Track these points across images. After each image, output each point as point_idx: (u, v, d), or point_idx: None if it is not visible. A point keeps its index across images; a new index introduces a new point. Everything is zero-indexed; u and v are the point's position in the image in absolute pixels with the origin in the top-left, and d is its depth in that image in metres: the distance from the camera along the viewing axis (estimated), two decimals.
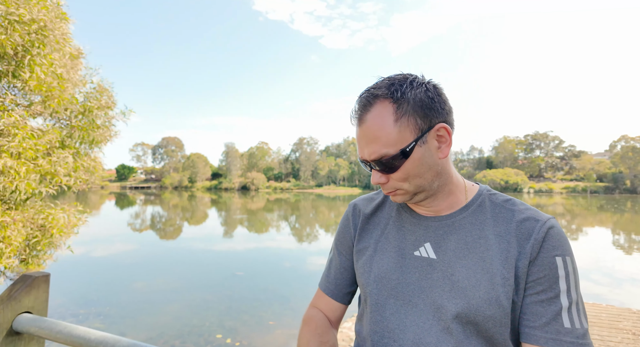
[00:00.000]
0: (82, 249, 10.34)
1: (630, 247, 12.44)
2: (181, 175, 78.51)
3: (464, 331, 0.64)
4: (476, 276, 0.65)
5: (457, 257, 0.68)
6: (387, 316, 0.70)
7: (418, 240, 0.73)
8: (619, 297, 6.34)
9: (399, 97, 0.66)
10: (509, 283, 0.64)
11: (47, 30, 3.80)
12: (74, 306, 5.58)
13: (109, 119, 4.71)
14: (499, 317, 0.63)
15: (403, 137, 0.66)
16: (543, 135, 76.44)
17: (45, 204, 4.47)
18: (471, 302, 0.64)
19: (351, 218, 0.87)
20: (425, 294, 0.68)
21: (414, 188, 0.70)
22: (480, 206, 0.72)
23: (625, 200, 44.59)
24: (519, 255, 0.65)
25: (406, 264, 0.72)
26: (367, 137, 0.68)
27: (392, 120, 0.66)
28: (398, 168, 0.68)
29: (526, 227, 0.66)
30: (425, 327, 0.66)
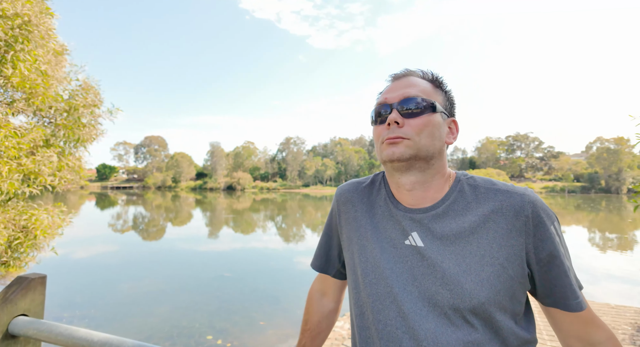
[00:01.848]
0: (62, 250, 10.02)
1: (605, 245, 12.96)
2: (164, 175, 76.93)
3: (462, 315, 0.65)
4: (465, 260, 0.67)
5: (444, 245, 0.69)
6: (387, 304, 0.71)
7: (405, 230, 0.74)
8: (596, 293, 6.61)
9: (439, 84, 0.79)
10: (498, 262, 0.66)
11: (31, 26, 3.68)
12: (57, 309, 5.41)
13: (95, 117, 4.59)
14: (493, 297, 0.64)
15: (436, 99, 0.76)
16: (523, 136, 78.67)
17: (28, 205, 4.32)
18: (464, 287, 0.65)
19: (336, 205, 0.90)
20: (418, 282, 0.69)
21: (420, 146, 0.70)
22: (461, 191, 0.74)
23: (600, 199, 46.41)
24: (509, 232, 0.67)
25: (398, 254, 0.73)
26: (404, 83, 0.77)
27: (431, 85, 0.77)
28: (421, 115, 0.72)
29: (510, 203, 0.68)
30: (423, 314, 0.67)
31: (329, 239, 0.93)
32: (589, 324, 0.69)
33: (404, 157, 0.70)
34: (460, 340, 0.64)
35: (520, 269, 0.66)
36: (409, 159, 0.71)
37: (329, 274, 0.94)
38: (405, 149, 0.70)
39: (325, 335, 0.96)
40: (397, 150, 0.70)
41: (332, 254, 0.93)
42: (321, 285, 0.97)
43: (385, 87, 0.81)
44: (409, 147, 0.70)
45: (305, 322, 0.96)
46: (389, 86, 0.80)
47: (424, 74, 0.79)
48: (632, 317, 4.29)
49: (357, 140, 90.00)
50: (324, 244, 0.94)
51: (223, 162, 78.57)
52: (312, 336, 0.94)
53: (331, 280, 0.95)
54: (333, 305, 0.96)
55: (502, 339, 0.66)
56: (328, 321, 0.96)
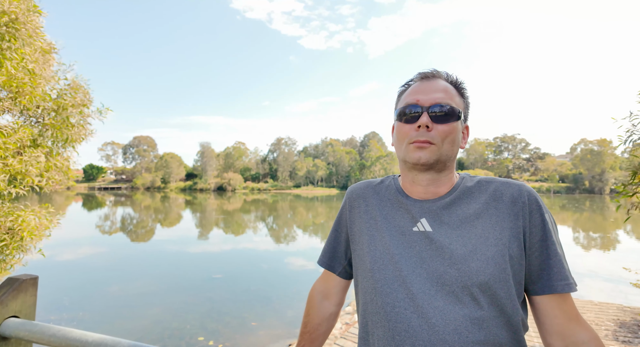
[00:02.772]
0: (49, 252, 9.81)
1: (589, 244, 13.30)
2: (154, 175, 75.75)
3: (470, 292, 0.69)
4: (471, 241, 0.72)
5: (451, 229, 0.75)
6: (395, 287, 0.74)
7: (415, 217, 0.79)
8: (580, 291, 6.78)
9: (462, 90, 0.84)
10: (502, 242, 0.71)
11: (19, 23, 3.62)
12: (44, 312, 5.30)
13: (84, 117, 4.52)
14: (498, 274, 0.69)
15: (460, 106, 0.81)
16: (511, 138, 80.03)
17: (14, 206, 4.23)
18: (471, 266, 0.70)
19: (348, 201, 0.94)
20: (427, 264, 0.73)
21: (442, 152, 0.77)
22: (465, 185, 0.81)
23: (584, 199, 47.52)
24: (509, 216, 0.73)
25: (406, 240, 0.78)
26: (435, 87, 0.80)
27: (456, 92, 0.82)
28: (449, 122, 0.77)
29: (509, 192, 0.76)
30: (432, 294, 0.71)
31: (337, 235, 0.96)
32: (572, 321, 0.71)
33: (429, 162, 0.77)
34: (467, 316, 0.68)
35: (519, 250, 0.72)
36: (432, 163, 0.77)
37: (335, 272, 0.96)
38: (430, 154, 0.76)
39: (325, 338, 0.97)
40: (424, 155, 0.76)
41: (339, 250, 0.95)
42: (324, 286, 0.98)
43: (410, 85, 0.85)
44: (433, 152, 0.76)
45: (305, 325, 0.97)
46: (419, 85, 0.82)
47: (449, 77, 0.83)
48: (614, 314, 4.42)
49: (348, 141, 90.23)
50: (332, 240, 0.97)
51: (213, 162, 77.80)
52: (312, 338, 0.95)
53: (335, 280, 0.97)
54: (334, 308, 0.97)
55: (506, 318, 0.70)
56: (328, 323, 0.97)
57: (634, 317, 4.26)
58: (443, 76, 0.83)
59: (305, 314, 0.99)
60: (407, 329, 0.71)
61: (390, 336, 0.73)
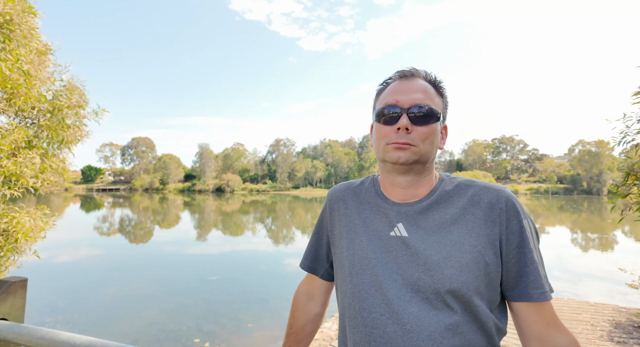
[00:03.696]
0: (46, 254, 9.78)
1: (587, 245, 13.32)
2: (152, 177, 75.55)
3: (443, 299, 0.69)
4: (446, 248, 0.72)
5: (427, 234, 0.74)
6: (372, 292, 0.74)
7: (392, 222, 0.79)
8: (578, 291, 6.79)
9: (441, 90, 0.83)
10: (477, 249, 0.71)
11: (13, 24, 3.61)
12: (38, 314, 5.28)
13: (80, 118, 4.51)
14: (471, 281, 0.69)
15: (439, 107, 0.80)
16: (509, 139, 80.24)
17: (9, 208, 4.21)
18: (445, 272, 0.69)
19: (328, 203, 0.93)
20: (403, 269, 0.73)
21: (422, 153, 0.76)
22: (444, 188, 0.80)
23: (582, 200, 47.66)
24: (485, 222, 0.72)
25: (383, 244, 0.77)
26: (417, 87, 0.79)
27: (435, 91, 0.81)
28: (429, 123, 0.76)
29: (487, 197, 0.75)
30: (406, 300, 0.71)
31: (319, 238, 0.96)
32: (551, 326, 0.71)
33: (408, 162, 0.76)
34: (441, 322, 0.68)
35: (495, 257, 0.71)
36: (411, 164, 0.77)
37: (317, 274, 0.96)
38: (410, 155, 0.75)
39: (310, 339, 0.98)
40: (403, 155, 0.75)
41: (321, 253, 0.95)
42: (308, 288, 0.98)
43: (389, 84, 0.83)
44: (414, 153, 0.76)
45: (290, 326, 0.97)
46: (398, 85, 0.80)
47: (428, 76, 0.81)
48: (610, 314, 4.43)
49: (347, 142, 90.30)
50: (314, 243, 0.97)
51: (212, 163, 77.72)
52: (297, 339, 0.96)
53: (318, 282, 0.97)
54: (319, 309, 0.98)
55: (479, 323, 0.70)
56: (313, 324, 0.97)
57: (629, 318, 4.27)
58: (422, 75, 0.81)
59: (291, 315, 0.99)
60: (383, 335, 0.71)
61: (367, 341, 0.73)
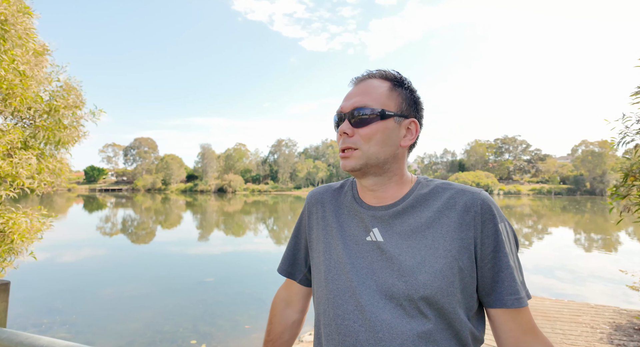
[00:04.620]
0: (46, 255, 9.80)
1: (590, 245, 13.23)
2: (154, 177, 75.78)
3: (417, 306, 0.67)
4: (420, 253, 0.70)
5: (402, 239, 0.73)
6: (346, 299, 0.73)
7: (367, 226, 0.77)
8: (580, 293, 6.73)
9: (398, 83, 0.79)
10: (451, 254, 0.69)
11: (8, 25, 3.61)
12: (35, 316, 5.27)
13: (77, 119, 4.50)
14: (446, 287, 0.67)
15: (388, 104, 0.76)
16: (511, 139, 79.93)
17: (5, 208, 4.21)
18: (418, 278, 0.68)
19: (307, 206, 0.92)
20: (377, 275, 0.72)
21: (369, 155, 0.74)
22: (419, 191, 0.78)
23: (585, 201, 47.39)
24: (460, 226, 0.71)
25: (359, 250, 0.76)
26: (358, 91, 0.78)
27: (388, 88, 0.77)
28: (370, 124, 0.74)
29: (462, 200, 0.73)
30: (380, 306, 0.69)
31: (297, 242, 0.94)
32: (527, 333, 0.69)
33: (355, 168, 0.75)
34: (414, 330, 0.67)
35: (469, 262, 0.70)
36: (361, 168, 0.75)
37: (295, 279, 0.94)
38: (355, 160, 0.75)
39: (289, 346, 0.96)
40: (348, 163, 0.76)
41: (299, 257, 0.94)
42: (286, 293, 0.97)
43: (348, 91, 0.82)
44: (358, 158, 0.74)
45: (268, 333, 0.95)
46: (348, 92, 0.80)
47: (386, 75, 0.79)
48: (610, 316, 4.37)
49: None
50: (292, 247, 0.95)
51: (214, 164, 77.89)
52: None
53: (297, 288, 0.95)
54: (297, 315, 0.96)
55: (454, 331, 0.68)
56: (291, 332, 0.95)
57: (629, 320, 4.21)
58: (377, 75, 0.80)
59: (269, 322, 0.97)
60: (355, 343, 0.69)
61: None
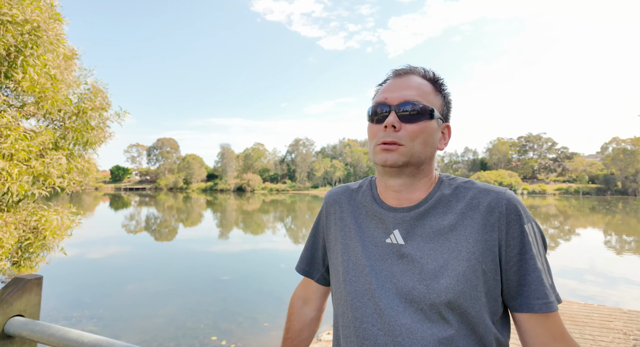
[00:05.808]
0: (76, 251, 10.24)
1: (622, 248, 12.60)
2: (176, 176, 77.86)
3: (438, 310, 0.65)
4: (443, 256, 0.68)
5: (424, 242, 0.71)
6: (365, 301, 0.72)
7: (388, 228, 0.75)
8: (611, 298, 6.42)
9: (440, 87, 0.78)
10: (474, 257, 0.66)
11: (41, 31, 3.77)
12: (66, 309, 5.52)
13: (104, 120, 4.67)
14: (469, 291, 0.65)
15: (435, 104, 0.75)
16: (536, 137, 77.17)
17: (38, 206, 4.42)
18: (440, 282, 0.66)
19: (325, 206, 0.91)
20: (397, 278, 0.70)
21: (413, 153, 0.71)
22: (442, 192, 0.75)
23: (616, 201, 45.15)
24: (484, 228, 0.68)
25: (378, 252, 0.74)
26: (406, 84, 0.75)
27: (432, 88, 0.76)
28: (418, 121, 0.72)
29: (486, 200, 0.70)
30: (400, 311, 0.67)
31: (315, 241, 0.93)
32: (557, 340, 0.66)
33: (396, 164, 0.71)
34: (435, 335, 0.64)
35: (493, 264, 0.67)
36: (401, 166, 0.72)
37: (313, 279, 0.93)
38: (398, 156, 0.71)
39: (307, 344, 0.96)
40: (390, 157, 0.71)
41: (317, 257, 0.93)
42: (304, 292, 0.97)
43: (386, 83, 0.80)
44: (402, 154, 0.71)
45: (287, 330, 0.95)
46: (390, 83, 0.78)
47: (426, 73, 0.77)
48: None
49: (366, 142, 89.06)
50: (310, 246, 0.95)
51: (233, 163, 79.22)
52: (294, 344, 0.94)
53: (314, 286, 0.94)
54: (315, 313, 0.95)
55: (477, 337, 0.65)
56: (310, 329, 0.95)
57: None
58: (419, 72, 0.77)
59: (287, 320, 0.97)
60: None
61: None
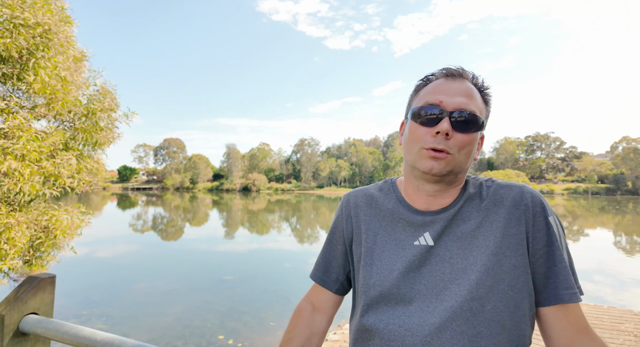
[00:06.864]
0: (85, 250, 10.38)
1: (632, 248, 12.41)
2: (183, 176, 78.43)
3: (469, 307, 0.65)
4: (472, 253, 0.69)
5: (452, 241, 0.71)
6: (392, 305, 0.71)
7: (417, 231, 0.74)
8: (621, 299, 6.33)
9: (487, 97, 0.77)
10: (501, 251, 0.67)
11: (52, 34, 3.84)
12: (76, 307, 5.61)
13: (112, 121, 4.73)
14: (497, 286, 0.65)
15: (483, 114, 0.74)
16: (544, 136, 76.27)
17: (49, 206, 4.50)
18: (471, 279, 0.66)
19: (344, 210, 0.87)
20: (426, 279, 0.70)
21: (457, 163, 0.70)
22: (468, 191, 0.76)
23: (626, 201, 44.44)
24: (509, 222, 0.69)
25: (406, 255, 0.73)
26: (462, 90, 0.72)
27: (481, 97, 0.75)
28: (470, 132, 0.70)
29: (510, 195, 0.71)
30: (429, 311, 0.67)
31: (332, 248, 0.89)
32: (581, 333, 0.65)
33: (441, 173, 0.70)
34: (464, 333, 0.64)
35: (523, 258, 0.67)
36: (445, 175, 0.71)
37: (327, 287, 0.87)
38: (445, 166, 0.69)
39: None
40: (437, 166, 0.69)
41: (333, 265, 0.88)
42: (315, 299, 0.89)
43: (430, 81, 0.76)
44: (448, 163, 0.69)
45: (292, 340, 0.81)
46: (443, 84, 0.73)
47: (475, 79, 0.75)
48: None
49: (372, 141, 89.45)
50: (327, 253, 0.89)
51: (239, 163, 79.56)
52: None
53: (328, 295, 0.88)
54: (325, 325, 0.86)
55: (506, 333, 0.65)
56: (319, 338, 0.85)
57: None
58: (469, 77, 0.74)
59: (290, 330, 0.84)
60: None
61: None
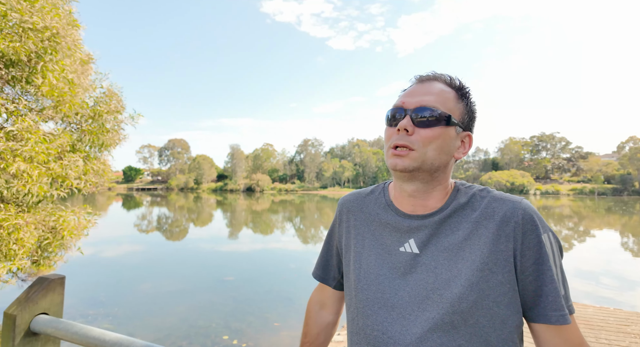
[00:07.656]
0: (90, 250, 10.48)
1: (639, 249, 12.29)
2: (187, 176, 78.83)
3: (450, 320, 0.65)
4: (457, 265, 0.68)
5: (438, 251, 0.70)
6: (376, 310, 0.72)
7: (403, 237, 0.75)
8: (628, 301, 6.27)
9: (464, 95, 0.76)
10: (487, 267, 0.66)
11: (59, 37, 3.89)
12: (83, 307, 5.66)
13: (118, 122, 4.78)
14: (481, 301, 0.65)
15: (454, 112, 0.73)
16: (549, 136, 75.68)
17: (56, 207, 4.55)
18: (454, 291, 0.66)
19: (338, 215, 0.91)
20: (410, 287, 0.70)
21: (425, 159, 0.70)
22: (458, 201, 0.74)
23: (634, 202, 43.94)
24: (498, 238, 0.67)
25: (392, 260, 0.74)
26: (425, 90, 0.74)
27: (454, 96, 0.75)
28: (434, 126, 0.70)
29: (502, 210, 0.69)
30: (411, 319, 0.68)
31: (329, 248, 0.95)
32: None
33: (407, 169, 0.71)
34: (444, 345, 0.64)
35: (510, 275, 0.67)
36: (412, 171, 0.71)
37: (328, 284, 0.95)
38: (409, 161, 0.70)
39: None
40: (400, 162, 0.70)
41: (331, 263, 0.94)
42: (320, 296, 0.97)
43: (408, 88, 0.79)
44: (413, 159, 0.70)
45: (305, 335, 0.97)
46: (411, 88, 0.77)
47: (451, 81, 0.76)
48: None
49: (375, 142, 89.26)
50: (325, 253, 0.96)
51: (243, 164, 79.81)
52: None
53: (330, 291, 0.95)
54: (332, 317, 0.97)
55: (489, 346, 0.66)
56: (327, 333, 0.96)
57: None
58: (443, 80, 0.76)
59: (305, 324, 0.99)
60: None
61: None
